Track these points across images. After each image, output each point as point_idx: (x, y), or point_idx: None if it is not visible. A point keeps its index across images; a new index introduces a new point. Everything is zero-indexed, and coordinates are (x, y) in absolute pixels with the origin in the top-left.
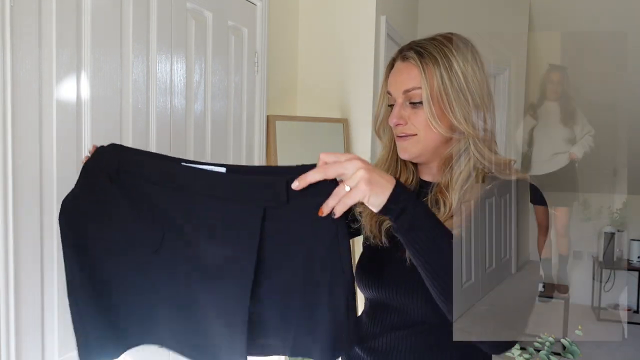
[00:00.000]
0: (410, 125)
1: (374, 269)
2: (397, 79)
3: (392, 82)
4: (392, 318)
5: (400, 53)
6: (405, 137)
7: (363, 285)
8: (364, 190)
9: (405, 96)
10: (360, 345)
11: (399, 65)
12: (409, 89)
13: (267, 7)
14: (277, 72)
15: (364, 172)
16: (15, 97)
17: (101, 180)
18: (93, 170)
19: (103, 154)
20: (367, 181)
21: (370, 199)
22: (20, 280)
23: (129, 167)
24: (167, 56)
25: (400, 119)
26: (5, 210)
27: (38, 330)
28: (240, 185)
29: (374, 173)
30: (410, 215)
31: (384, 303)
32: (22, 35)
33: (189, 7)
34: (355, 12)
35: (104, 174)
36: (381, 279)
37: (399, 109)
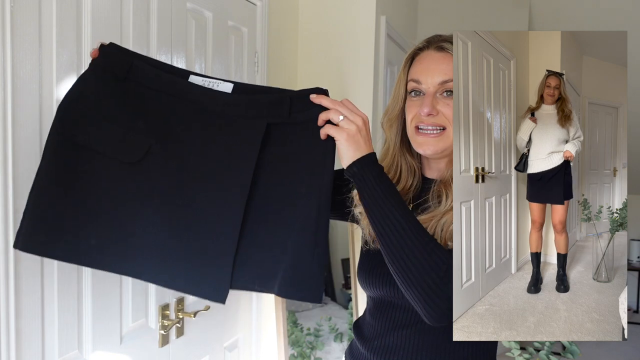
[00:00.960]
0: (441, 116)
1: (376, 267)
2: (434, 68)
3: (423, 71)
4: (397, 316)
5: (431, 44)
6: (431, 131)
7: (366, 284)
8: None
9: (442, 86)
10: (365, 344)
11: (434, 55)
12: (448, 79)
13: (267, 7)
14: (277, 72)
15: (354, 128)
16: (15, 97)
17: (107, 77)
18: (100, 67)
19: (112, 55)
20: (350, 135)
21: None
22: (20, 280)
23: (138, 72)
24: (167, 56)
25: (433, 109)
26: (6, 210)
27: (38, 330)
28: (245, 104)
29: (360, 136)
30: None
31: (388, 301)
32: (22, 35)
33: (189, 7)
34: (355, 12)
35: (108, 73)
36: (384, 277)
37: (432, 98)
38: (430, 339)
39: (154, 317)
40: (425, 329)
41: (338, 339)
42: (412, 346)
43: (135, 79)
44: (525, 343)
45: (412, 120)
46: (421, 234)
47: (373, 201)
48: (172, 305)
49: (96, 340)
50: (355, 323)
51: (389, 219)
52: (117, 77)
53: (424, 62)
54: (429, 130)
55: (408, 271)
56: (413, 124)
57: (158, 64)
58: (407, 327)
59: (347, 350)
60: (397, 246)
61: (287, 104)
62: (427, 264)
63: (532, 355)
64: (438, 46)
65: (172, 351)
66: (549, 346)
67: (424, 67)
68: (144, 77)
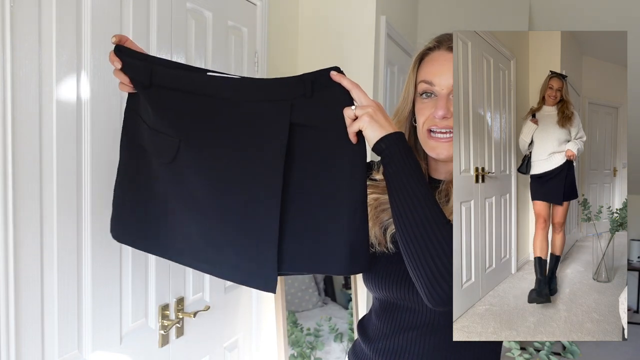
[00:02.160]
0: (452, 119)
1: (383, 269)
2: (448, 69)
3: (436, 72)
4: (402, 318)
5: (442, 43)
6: (444, 135)
7: (372, 285)
8: (366, 121)
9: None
10: (369, 345)
11: (447, 55)
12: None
13: (267, 7)
14: (277, 72)
15: (372, 110)
16: (15, 97)
17: (138, 87)
18: (132, 77)
19: (134, 66)
20: (370, 116)
21: (366, 130)
22: (20, 280)
23: (158, 77)
24: (167, 56)
25: (448, 112)
26: (5, 210)
27: (38, 330)
28: (265, 87)
29: (380, 114)
30: (392, 157)
31: (395, 303)
32: (22, 35)
33: (189, 7)
34: (355, 12)
35: (136, 82)
36: (391, 278)
37: (445, 101)
38: (435, 342)
39: (154, 317)
40: (430, 331)
41: (338, 339)
42: (418, 349)
43: (158, 84)
44: (526, 343)
45: (424, 123)
46: (439, 215)
47: (397, 176)
48: (172, 306)
49: (96, 340)
50: (360, 322)
51: (409, 195)
52: (144, 85)
53: (435, 63)
54: (442, 133)
55: (419, 249)
56: (425, 127)
57: (172, 64)
58: (413, 330)
59: (350, 350)
60: (413, 223)
61: (308, 82)
62: (440, 246)
63: (532, 355)
64: (450, 46)
65: (172, 351)
66: (549, 346)
67: (437, 69)
68: (164, 80)
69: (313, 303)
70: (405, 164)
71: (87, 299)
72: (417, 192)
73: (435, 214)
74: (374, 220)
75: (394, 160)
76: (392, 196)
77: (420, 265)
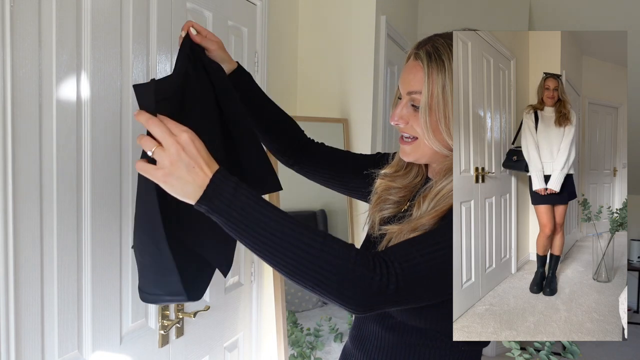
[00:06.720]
0: (411, 126)
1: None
2: (404, 77)
3: (400, 79)
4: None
5: (415, 48)
6: (406, 139)
7: None
8: (160, 179)
9: (409, 97)
10: (350, 334)
11: (410, 62)
12: (412, 91)
13: (267, 7)
14: (277, 72)
15: (167, 161)
16: (15, 97)
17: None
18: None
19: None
20: (166, 174)
21: (167, 188)
22: (20, 280)
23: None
24: (167, 56)
25: (400, 119)
26: (5, 210)
27: (38, 330)
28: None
29: (181, 163)
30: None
31: None
32: (22, 35)
33: (189, 7)
34: (355, 12)
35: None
36: None
37: (401, 108)
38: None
39: (154, 317)
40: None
41: (338, 339)
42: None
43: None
44: (525, 343)
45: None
46: (306, 238)
47: (237, 225)
48: (171, 305)
49: (96, 341)
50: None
51: (267, 238)
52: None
53: (404, 70)
54: (405, 137)
55: (305, 275)
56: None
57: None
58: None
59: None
60: (289, 260)
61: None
62: (321, 265)
63: (532, 356)
64: (416, 53)
65: (172, 351)
66: (549, 346)
67: (402, 75)
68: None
69: (313, 303)
70: (234, 211)
71: (87, 299)
72: (257, 228)
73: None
74: (374, 203)
75: (224, 215)
76: (244, 242)
77: (311, 287)
